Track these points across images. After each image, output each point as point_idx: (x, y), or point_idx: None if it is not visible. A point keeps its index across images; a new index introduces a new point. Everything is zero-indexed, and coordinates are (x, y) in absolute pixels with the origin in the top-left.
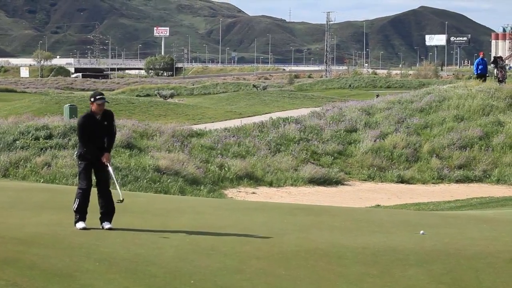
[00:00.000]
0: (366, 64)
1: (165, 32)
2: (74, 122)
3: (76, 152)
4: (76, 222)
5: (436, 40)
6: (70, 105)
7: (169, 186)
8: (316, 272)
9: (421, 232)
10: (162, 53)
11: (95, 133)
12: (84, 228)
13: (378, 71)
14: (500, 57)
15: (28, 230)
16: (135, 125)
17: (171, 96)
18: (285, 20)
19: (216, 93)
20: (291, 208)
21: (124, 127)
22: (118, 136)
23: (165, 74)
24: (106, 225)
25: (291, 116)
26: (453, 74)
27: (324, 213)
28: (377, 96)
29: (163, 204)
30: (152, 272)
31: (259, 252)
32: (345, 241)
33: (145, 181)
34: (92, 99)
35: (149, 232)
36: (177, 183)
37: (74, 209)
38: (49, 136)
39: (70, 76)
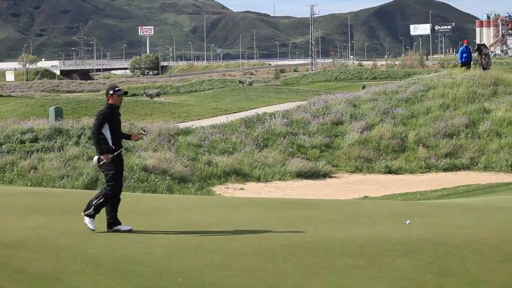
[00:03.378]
0: (352, 56)
1: (150, 31)
2: (60, 124)
3: (95, 158)
4: (89, 215)
5: (420, 29)
6: (56, 108)
7: (157, 185)
8: (303, 266)
9: (407, 221)
10: (147, 52)
11: (117, 126)
12: (93, 230)
13: (363, 62)
14: (484, 45)
15: (14, 234)
16: (121, 125)
17: (157, 95)
18: (269, 15)
19: (202, 91)
20: (278, 202)
21: None
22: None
23: (151, 73)
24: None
25: (277, 111)
26: (439, 63)
27: (311, 207)
28: (363, 87)
29: (150, 203)
30: (139, 272)
31: (246, 248)
32: (332, 234)
33: (132, 180)
34: (112, 92)
35: (136, 232)
36: (165, 182)
37: (95, 203)
38: (35, 139)
39: (56, 79)
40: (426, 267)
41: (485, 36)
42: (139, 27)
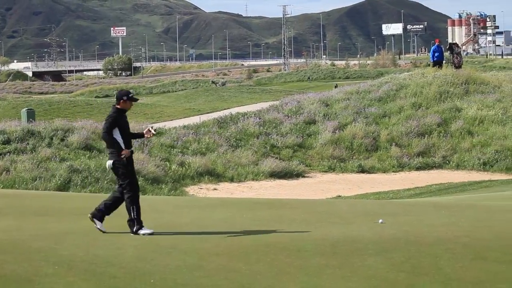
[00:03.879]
0: (324, 56)
1: (122, 32)
2: (33, 126)
3: (109, 162)
4: (139, 229)
5: (392, 29)
6: (28, 109)
7: None
8: (276, 266)
9: (380, 220)
10: (120, 53)
11: (127, 128)
12: (152, 233)
13: (336, 62)
14: (456, 44)
15: None
16: (93, 126)
17: None
18: (241, 15)
19: (175, 91)
20: (251, 203)
21: (82, 128)
22: (76, 138)
23: (123, 74)
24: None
25: (250, 111)
26: (411, 62)
27: (284, 207)
28: (336, 86)
29: (123, 205)
30: (112, 273)
31: (219, 248)
32: (305, 234)
33: (105, 182)
34: (125, 97)
35: (109, 233)
36: (138, 183)
37: (134, 216)
38: (7, 141)
39: (28, 80)
40: (399, 266)
41: (457, 35)
42: (112, 28)
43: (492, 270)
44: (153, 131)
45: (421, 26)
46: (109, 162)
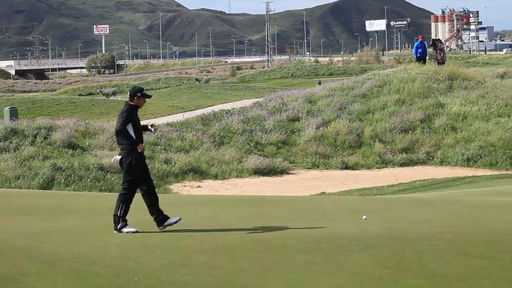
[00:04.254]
0: (308, 53)
1: (105, 30)
2: (15, 124)
3: (118, 157)
4: (123, 227)
5: (376, 25)
6: (11, 108)
7: (114, 184)
8: (260, 263)
9: (364, 217)
10: (103, 51)
11: (139, 125)
12: (136, 232)
13: (320, 59)
14: (439, 40)
15: None
16: (77, 124)
17: (114, 93)
18: (225, 12)
19: (159, 89)
20: (234, 200)
21: (65, 126)
22: (59, 136)
23: (107, 72)
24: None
25: (233, 108)
26: (394, 58)
27: (268, 204)
28: (319, 83)
29: (107, 203)
30: (95, 271)
31: (203, 246)
32: (289, 231)
33: (89, 180)
34: (139, 94)
35: (92, 231)
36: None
37: (121, 214)
38: None
39: (11, 79)
40: (383, 262)
41: (440, 31)
42: (95, 26)
43: (475, 265)
44: (153, 130)
45: (404, 23)
46: (117, 157)
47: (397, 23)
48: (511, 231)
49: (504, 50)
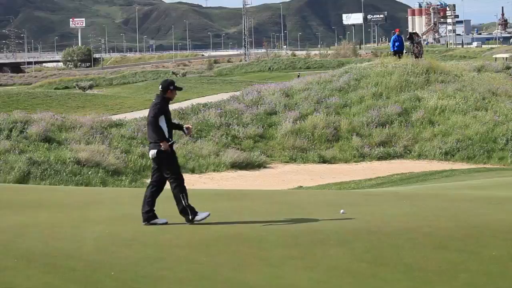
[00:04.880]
0: (285, 46)
1: (81, 23)
2: None
3: (153, 151)
4: (195, 216)
5: (353, 19)
6: None
7: (90, 178)
8: (238, 257)
9: (341, 211)
10: (79, 44)
11: (170, 118)
12: (208, 216)
13: (297, 52)
14: (416, 33)
15: None
16: (53, 118)
17: (90, 87)
18: (201, 6)
19: (135, 82)
20: (211, 194)
21: (41, 120)
22: (35, 130)
23: (83, 65)
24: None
25: (210, 102)
26: (372, 52)
27: (245, 198)
28: (298, 76)
29: (83, 197)
30: (72, 266)
31: (180, 240)
32: (266, 225)
33: (65, 174)
34: (172, 87)
35: (68, 226)
36: (98, 175)
37: (186, 203)
38: None
39: None
40: (361, 256)
41: (417, 24)
42: (71, 19)
43: (453, 259)
44: (186, 132)
45: (382, 16)
46: (153, 152)
47: (374, 16)
48: (489, 224)
49: (475, 43)
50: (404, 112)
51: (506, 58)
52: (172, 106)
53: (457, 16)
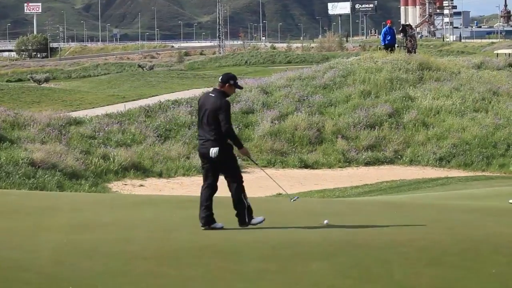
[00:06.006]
0: (264, 38)
1: (37, 9)
2: None
3: (215, 149)
4: (251, 219)
5: (339, 8)
6: None
7: (46, 181)
8: (210, 271)
9: (325, 221)
10: (35, 32)
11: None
12: (263, 220)
13: (277, 45)
14: (409, 25)
15: None
16: (5, 113)
17: (46, 80)
18: None
19: (97, 76)
20: (181, 200)
21: None
22: None
23: (39, 55)
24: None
25: (181, 98)
26: (360, 46)
27: (219, 205)
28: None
29: (38, 202)
30: (26, 279)
31: (146, 252)
32: (242, 235)
33: (17, 176)
34: (232, 82)
35: (22, 234)
36: (55, 178)
37: (248, 204)
38: None
39: None
40: (346, 271)
41: (410, 15)
42: (25, 4)
43: (449, 276)
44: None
45: (371, 6)
46: (215, 150)
47: (363, 6)
48: (488, 238)
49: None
50: (395, 113)
51: (509, 54)
52: (137, 103)
53: (454, 7)
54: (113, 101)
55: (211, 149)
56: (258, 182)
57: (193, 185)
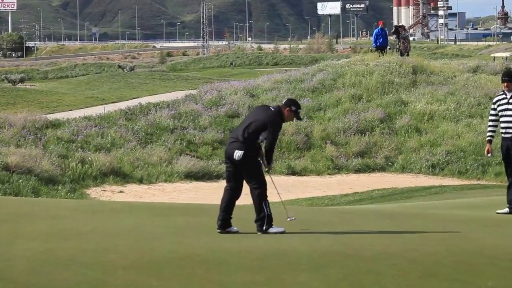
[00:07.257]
0: (250, 38)
1: (12, 6)
2: None
3: (240, 152)
4: (270, 227)
5: (329, 8)
6: None
7: (20, 186)
8: (193, 282)
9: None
10: (9, 30)
11: None
12: (283, 232)
13: (263, 46)
14: (403, 27)
15: None
16: None
17: (21, 80)
18: None
19: (75, 76)
20: (163, 208)
21: None
22: None
23: (13, 55)
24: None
25: (163, 101)
26: (350, 47)
27: (203, 213)
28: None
29: (12, 208)
30: None
31: (127, 261)
32: (227, 245)
33: None
34: (294, 108)
35: None
36: (30, 183)
37: (268, 212)
38: None
39: None
40: (336, 283)
41: (403, 16)
42: None
43: None
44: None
45: (362, 6)
46: (240, 153)
47: (354, 6)
48: (484, 250)
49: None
50: (387, 118)
51: (506, 57)
52: (117, 105)
53: (450, 8)
54: (92, 103)
55: (236, 151)
56: (243, 189)
57: (175, 192)
